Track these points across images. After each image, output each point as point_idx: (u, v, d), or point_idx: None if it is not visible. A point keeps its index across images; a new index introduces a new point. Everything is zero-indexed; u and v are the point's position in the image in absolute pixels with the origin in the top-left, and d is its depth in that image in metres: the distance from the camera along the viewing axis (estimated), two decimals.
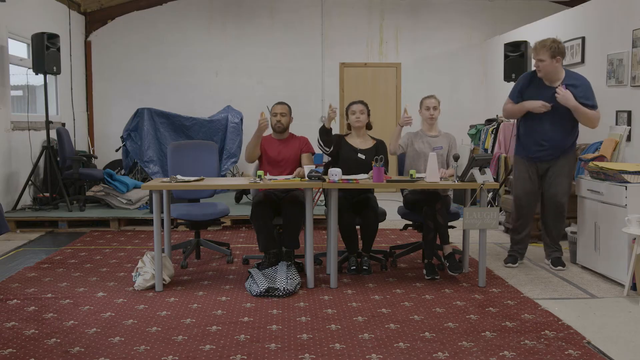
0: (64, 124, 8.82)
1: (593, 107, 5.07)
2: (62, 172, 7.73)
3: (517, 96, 5.29)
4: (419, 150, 5.26)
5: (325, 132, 5.17)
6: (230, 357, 3.39)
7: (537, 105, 5.11)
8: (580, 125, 5.27)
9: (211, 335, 3.71)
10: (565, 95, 4.99)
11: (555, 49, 5.03)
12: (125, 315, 4.09)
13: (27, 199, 7.78)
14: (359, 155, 5.25)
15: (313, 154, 5.39)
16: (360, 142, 5.36)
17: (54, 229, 7.20)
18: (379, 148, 5.33)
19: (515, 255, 5.48)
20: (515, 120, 5.56)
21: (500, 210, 6.96)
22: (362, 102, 5.38)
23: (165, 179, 4.99)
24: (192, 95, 10.09)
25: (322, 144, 5.20)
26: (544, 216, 5.45)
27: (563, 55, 5.10)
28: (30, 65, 7.67)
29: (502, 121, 8.59)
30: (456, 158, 4.84)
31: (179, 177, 4.93)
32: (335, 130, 10.06)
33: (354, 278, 5.02)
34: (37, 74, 7.54)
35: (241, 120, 9.04)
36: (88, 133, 10.16)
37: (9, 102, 7.56)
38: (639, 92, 6.09)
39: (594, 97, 5.13)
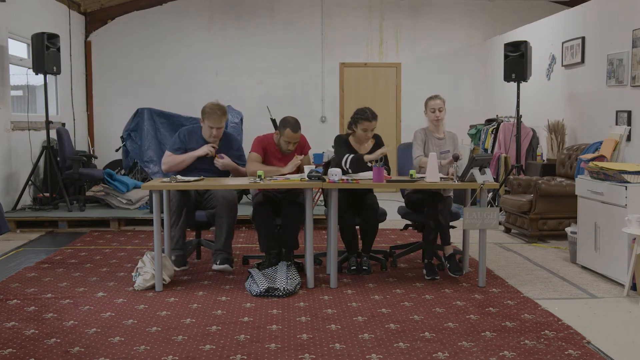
0: (64, 124, 8.82)
1: None
2: (62, 172, 7.72)
3: None
4: (427, 152, 5.24)
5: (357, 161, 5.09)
6: (230, 357, 3.39)
7: None
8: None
9: (211, 335, 3.71)
10: None
11: None
12: (125, 315, 4.09)
13: (27, 199, 7.78)
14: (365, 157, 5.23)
15: (310, 148, 5.35)
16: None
17: (54, 229, 7.20)
18: (379, 145, 5.29)
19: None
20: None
21: (500, 210, 6.96)
22: (374, 118, 5.19)
23: (165, 179, 4.99)
24: (192, 95, 10.07)
25: (347, 168, 5.10)
26: None
27: None
28: (30, 65, 7.66)
29: (501, 121, 8.61)
30: (456, 158, 4.84)
31: (179, 177, 4.93)
32: (334, 129, 10.06)
33: (354, 278, 5.02)
34: (37, 74, 7.54)
35: (241, 120, 9.02)
36: (88, 133, 10.16)
37: (9, 102, 7.55)
38: (639, 92, 6.09)
39: None
